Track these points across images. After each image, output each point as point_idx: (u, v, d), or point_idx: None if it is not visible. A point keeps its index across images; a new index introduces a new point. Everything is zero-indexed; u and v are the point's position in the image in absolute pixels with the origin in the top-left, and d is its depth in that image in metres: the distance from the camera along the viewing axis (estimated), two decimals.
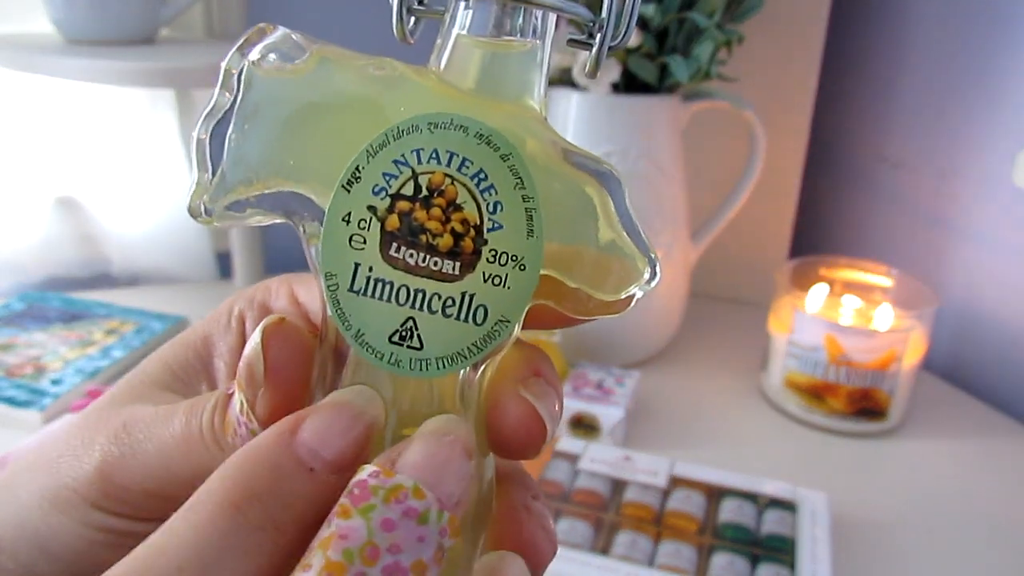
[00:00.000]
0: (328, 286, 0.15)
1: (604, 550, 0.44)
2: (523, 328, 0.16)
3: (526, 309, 0.15)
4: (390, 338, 0.15)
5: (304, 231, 0.15)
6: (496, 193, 0.15)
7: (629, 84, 0.62)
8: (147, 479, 0.18)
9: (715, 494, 0.49)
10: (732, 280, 0.82)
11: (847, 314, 0.63)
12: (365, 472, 0.14)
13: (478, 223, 0.15)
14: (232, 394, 0.17)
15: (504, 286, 0.15)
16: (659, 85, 0.62)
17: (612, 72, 0.60)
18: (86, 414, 0.20)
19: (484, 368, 0.16)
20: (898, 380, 0.59)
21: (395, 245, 0.15)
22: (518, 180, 0.15)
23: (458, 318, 0.15)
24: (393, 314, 0.15)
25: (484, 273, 0.15)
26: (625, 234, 0.15)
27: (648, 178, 0.63)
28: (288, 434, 0.15)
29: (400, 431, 0.16)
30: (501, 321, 0.15)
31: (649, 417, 0.62)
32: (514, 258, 0.15)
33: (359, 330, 0.15)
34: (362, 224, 0.15)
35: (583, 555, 0.43)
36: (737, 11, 0.60)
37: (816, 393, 0.61)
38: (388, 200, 0.15)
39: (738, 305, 0.82)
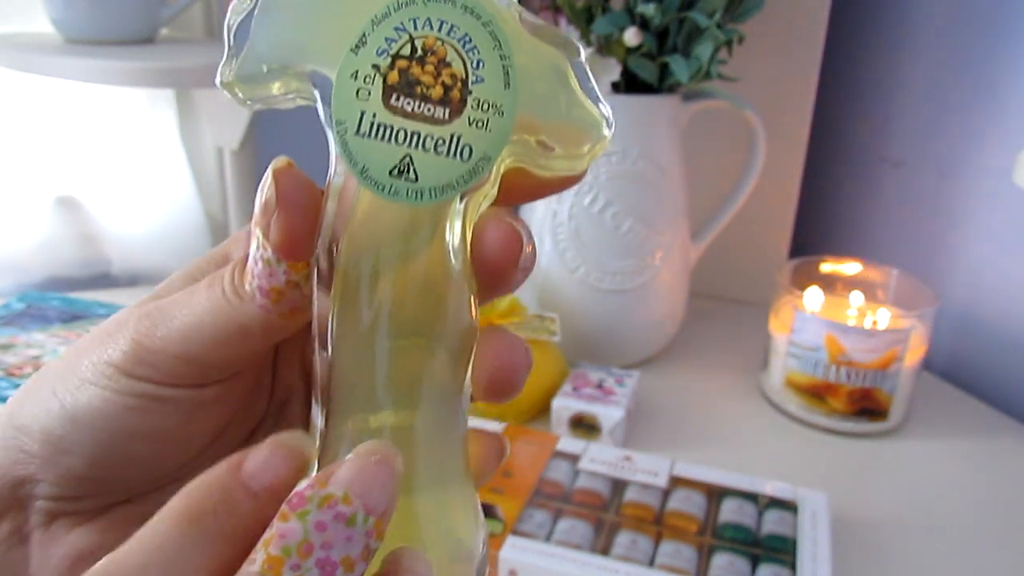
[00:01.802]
0: (338, 131, 0.18)
1: (604, 550, 0.44)
2: (499, 202, 0.19)
3: (504, 149, 0.18)
4: (390, 172, 0.18)
5: (318, 97, 0.18)
6: (479, 53, 0.18)
7: (629, 84, 0.62)
8: (177, 344, 0.20)
9: (715, 494, 0.49)
10: (732, 280, 0.82)
11: (847, 314, 0.63)
12: (303, 485, 0.17)
13: (464, 77, 0.18)
14: (247, 256, 0.20)
15: (486, 129, 0.18)
16: (659, 85, 0.62)
17: (612, 72, 0.60)
18: (114, 316, 0.21)
19: (467, 203, 0.18)
20: (898, 380, 0.59)
21: (395, 95, 0.18)
22: (496, 42, 0.18)
23: (448, 155, 0.18)
24: (393, 152, 0.18)
25: (469, 118, 0.18)
26: (582, 92, 0.19)
27: (648, 178, 0.63)
28: (236, 465, 0.18)
29: (401, 267, 0.18)
30: (483, 158, 0.18)
31: (649, 417, 0.62)
32: (494, 105, 0.18)
33: (364, 166, 0.18)
34: (367, 79, 0.18)
35: (583, 555, 0.43)
36: (737, 11, 0.60)
37: (816, 393, 0.61)
38: (389, 59, 0.18)
39: (738, 305, 0.82)
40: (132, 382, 0.20)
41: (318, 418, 0.19)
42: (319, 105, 0.18)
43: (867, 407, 0.60)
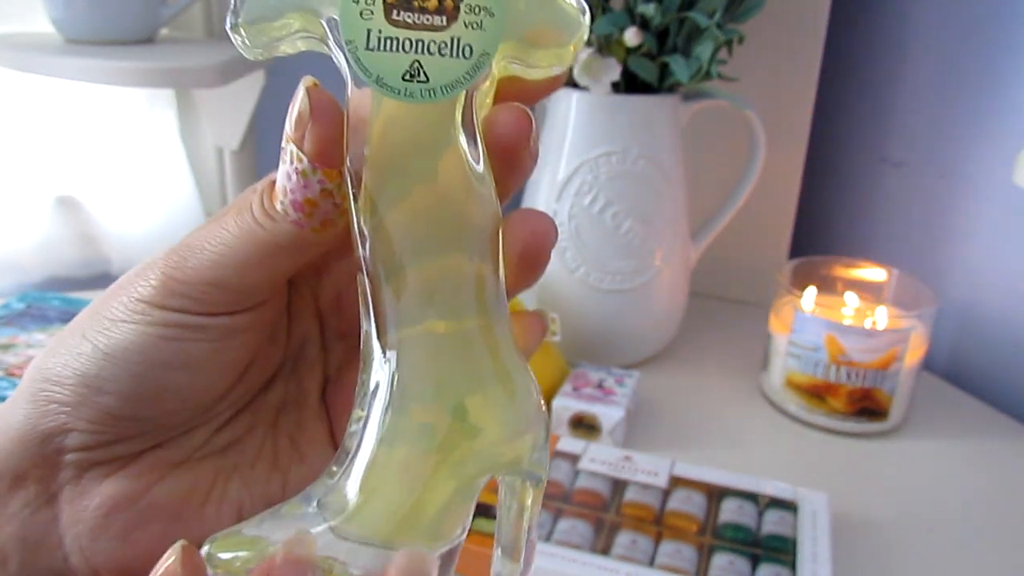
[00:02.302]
0: (350, 51, 0.19)
1: (604, 550, 0.44)
2: (497, 100, 0.21)
3: (499, 44, 0.20)
4: (403, 77, 0.19)
5: (326, 27, 0.20)
6: None
7: (629, 84, 0.62)
8: (209, 271, 0.21)
9: (715, 494, 0.49)
10: (732, 280, 0.82)
11: (847, 314, 0.63)
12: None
13: None
14: (273, 180, 0.21)
15: (481, 28, 0.19)
16: (659, 85, 0.62)
17: (612, 72, 0.60)
18: (139, 265, 0.22)
19: (474, 96, 0.20)
20: (898, 380, 0.59)
21: (395, 11, 0.19)
22: None
23: (452, 56, 0.19)
24: (402, 60, 0.19)
25: (465, 22, 0.19)
26: None
27: (648, 178, 0.63)
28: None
29: (427, 169, 0.20)
30: (483, 54, 0.19)
31: (649, 417, 0.62)
32: (485, 8, 0.19)
33: (378, 76, 0.19)
34: (368, 2, 0.19)
35: (583, 555, 0.43)
36: (737, 11, 0.60)
37: (816, 393, 0.61)
38: None
39: (738, 305, 0.82)
40: (166, 314, 0.21)
41: (370, 328, 0.20)
42: (328, 34, 0.20)
43: (867, 407, 0.60)
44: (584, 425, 0.57)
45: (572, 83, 0.62)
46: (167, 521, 0.22)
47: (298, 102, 0.20)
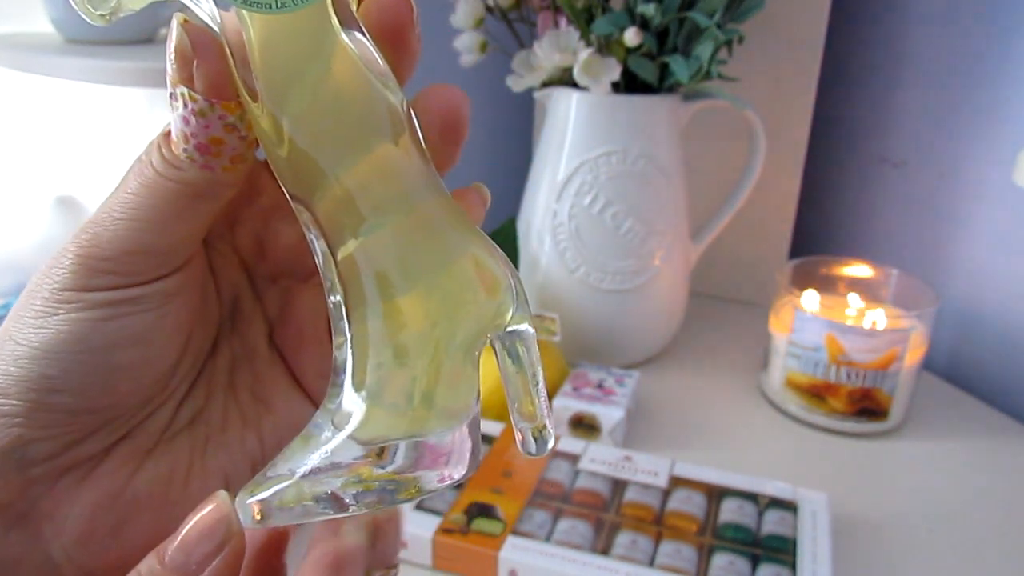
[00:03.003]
0: None
1: (604, 550, 0.44)
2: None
3: None
4: None
5: None
6: None
7: (629, 84, 0.62)
8: (126, 239, 0.20)
9: (715, 494, 0.49)
10: (732, 280, 0.82)
11: (847, 314, 0.63)
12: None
13: None
14: (167, 132, 0.20)
15: None
16: (659, 85, 0.62)
17: (612, 72, 0.60)
18: (47, 261, 0.21)
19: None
20: (898, 380, 0.59)
21: None
22: None
23: None
24: None
25: None
26: None
27: (648, 178, 0.63)
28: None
29: (319, 75, 0.19)
30: None
31: (649, 417, 0.62)
32: None
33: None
34: None
35: (583, 555, 0.43)
36: (737, 11, 0.60)
37: (816, 393, 0.61)
38: None
39: (738, 305, 0.82)
40: (93, 295, 0.20)
41: (324, 248, 0.20)
42: None
43: (867, 407, 0.60)
44: (584, 425, 0.57)
45: (572, 83, 0.62)
46: (155, 508, 0.22)
47: (174, 40, 0.19)
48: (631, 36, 0.58)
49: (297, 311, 0.24)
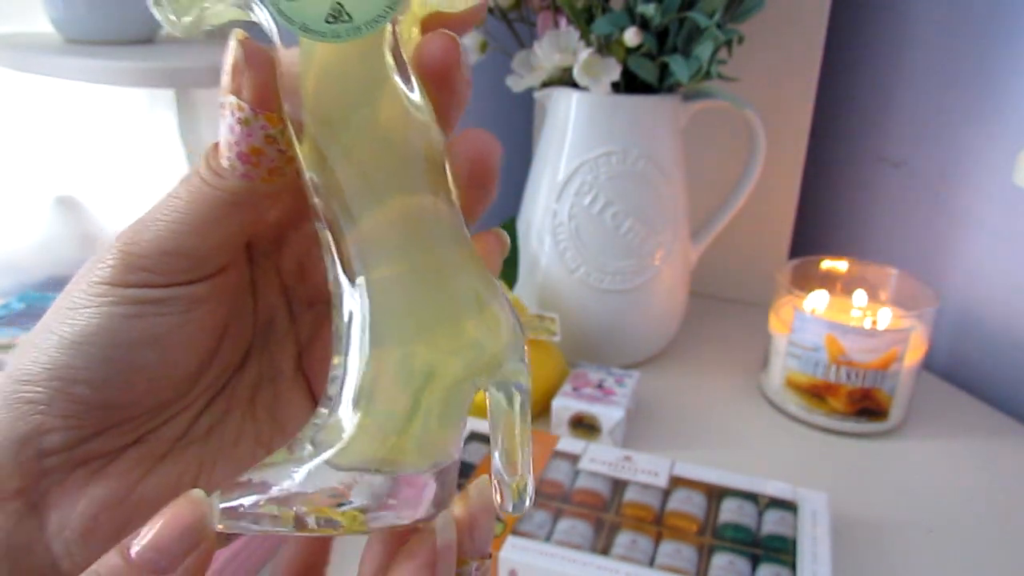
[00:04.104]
0: (272, 4, 0.19)
1: (604, 550, 0.44)
2: (423, 29, 0.21)
3: None
4: (326, 20, 0.19)
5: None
6: None
7: (629, 84, 0.62)
8: (164, 239, 0.21)
9: (715, 494, 0.49)
10: (732, 280, 0.82)
11: (848, 314, 0.63)
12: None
13: None
14: (216, 143, 0.21)
15: None
16: (659, 85, 0.62)
17: (612, 72, 0.60)
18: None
19: (397, 30, 0.20)
20: (899, 380, 0.59)
21: None
22: None
23: None
24: (323, 4, 0.19)
25: None
26: None
27: (648, 178, 0.63)
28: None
29: (364, 107, 0.20)
30: None
31: (649, 417, 0.62)
32: None
33: (303, 24, 0.19)
34: None
35: (583, 555, 0.43)
36: (737, 11, 0.60)
37: (816, 393, 0.61)
38: None
39: (738, 305, 0.82)
40: (127, 291, 0.21)
41: (337, 274, 0.20)
42: (258, 8, 0.20)
43: (867, 407, 0.60)
44: (584, 425, 0.57)
45: (572, 83, 0.62)
46: None
47: (231, 54, 0.20)
48: (631, 36, 0.58)
49: (327, 338, 0.24)
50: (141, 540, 0.19)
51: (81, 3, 0.65)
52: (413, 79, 0.20)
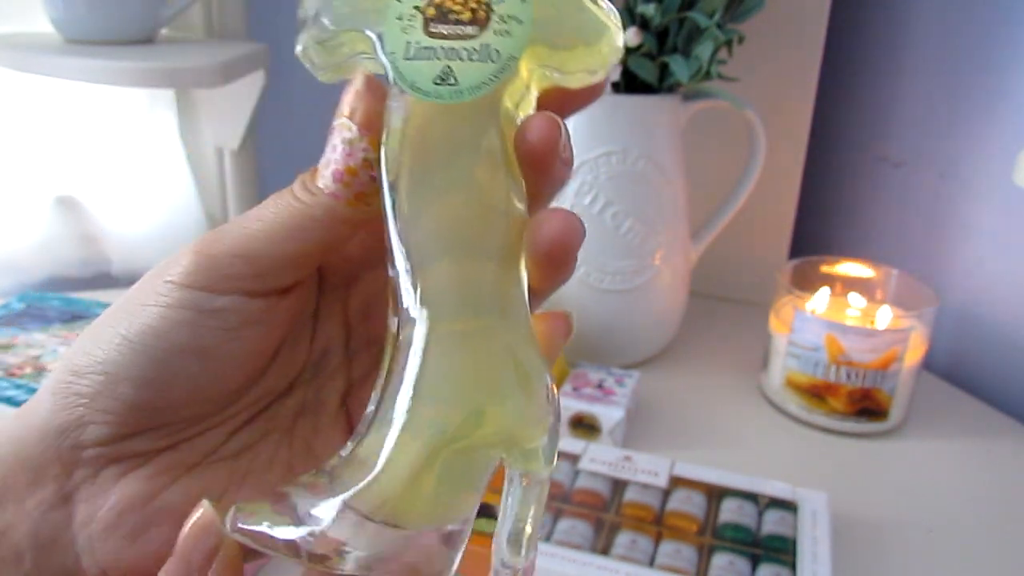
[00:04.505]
0: (391, 60, 0.21)
1: (604, 550, 0.44)
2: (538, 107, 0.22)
3: (525, 48, 0.21)
4: (435, 82, 0.21)
5: (376, 42, 0.22)
6: None
7: (629, 84, 0.62)
8: (239, 243, 0.21)
9: (715, 494, 0.49)
10: (732, 280, 0.82)
11: (848, 314, 0.63)
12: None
13: (488, 1, 0.21)
14: (316, 168, 0.22)
15: (509, 36, 0.21)
16: (659, 85, 0.62)
17: (612, 72, 0.60)
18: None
19: (503, 102, 0.21)
20: (899, 380, 0.59)
21: (433, 24, 0.21)
22: None
23: (480, 60, 0.21)
24: (435, 66, 0.21)
25: (494, 30, 0.21)
26: (590, 1, 0.21)
27: (648, 178, 0.63)
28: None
29: (452, 158, 0.21)
30: (510, 58, 0.21)
31: (649, 417, 0.62)
32: (514, 17, 0.21)
33: (413, 81, 0.21)
34: (410, 18, 0.21)
35: (583, 555, 0.43)
36: (737, 11, 0.60)
37: (816, 393, 0.61)
38: (426, 1, 0.21)
39: (738, 305, 0.82)
40: (186, 292, 0.21)
41: (394, 317, 0.21)
42: (375, 47, 0.21)
43: (867, 407, 0.60)
44: (584, 425, 0.57)
45: None
46: (176, 524, 0.22)
47: (355, 85, 0.21)
48: (631, 36, 0.58)
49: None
50: (170, 560, 0.20)
51: (81, 3, 0.65)
52: (509, 148, 0.21)
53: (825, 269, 0.68)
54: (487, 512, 0.48)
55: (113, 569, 0.22)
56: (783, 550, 0.44)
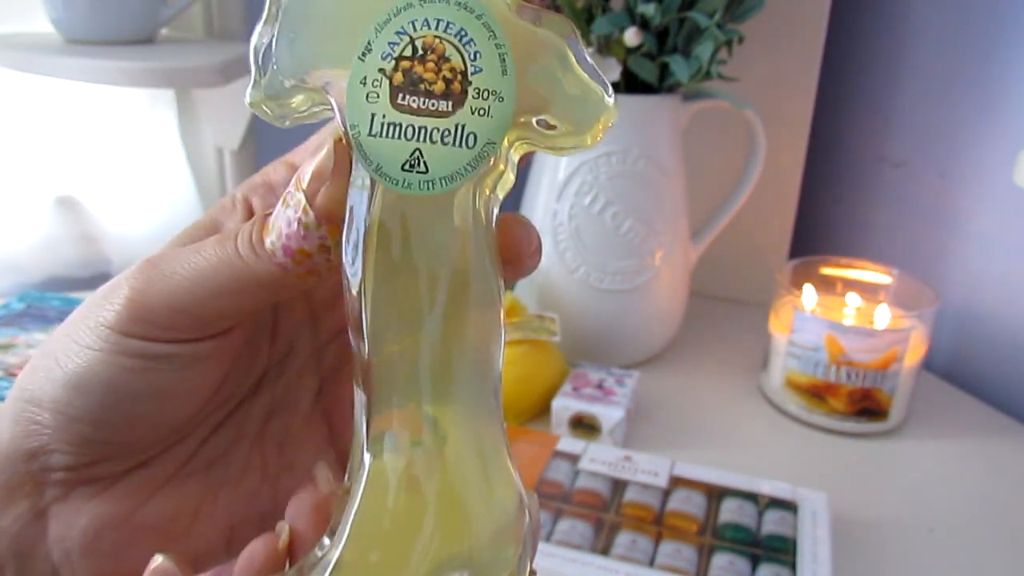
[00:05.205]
0: (353, 135, 0.19)
1: (604, 550, 0.44)
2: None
3: (507, 133, 0.19)
4: (402, 167, 0.18)
5: (335, 106, 0.19)
6: (475, 45, 0.19)
7: (629, 84, 0.62)
8: (175, 297, 0.20)
9: (715, 494, 0.49)
10: (732, 280, 0.82)
11: (848, 314, 0.63)
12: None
13: (463, 69, 0.19)
14: (268, 214, 0.20)
15: (488, 115, 0.18)
16: (659, 85, 0.62)
17: (612, 72, 0.60)
18: (110, 281, 0.21)
19: (483, 189, 0.19)
20: (899, 380, 0.59)
21: (401, 95, 0.19)
22: (491, 32, 0.19)
23: (454, 144, 0.18)
24: (403, 148, 0.18)
25: (471, 107, 0.18)
26: (580, 70, 0.19)
27: (648, 178, 0.63)
28: None
29: (427, 259, 0.19)
30: (488, 143, 0.18)
31: (649, 417, 0.62)
32: (494, 92, 0.18)
33: (378, 164, 0.18)
34: (375, 83, 0.19)
35: (583, 555, 0.43)
36: (737, 11, 0.60)
37: (816, 393, 0.61)
38: (393, 62, 0.19)
39: (738, 305, 0.82)
40: (128, 341, 0.20)
41: (361, 399, 0.20)
42: (336, 113, 0.19)
43: (867, 407, 0.60)
44: (584, 425, 0.57)
45: None
46: (157, 540, 0.22)
47: (321, 156, 0.19)
48: (631, 36, 0.58)
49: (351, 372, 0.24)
50: None
51: (81, 3, 0.65)
52: (487, 235, 0.19)
53: (825, 269, 0.68)
54: None
55: None
56: (783, 550, 0.44)
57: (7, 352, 0.60)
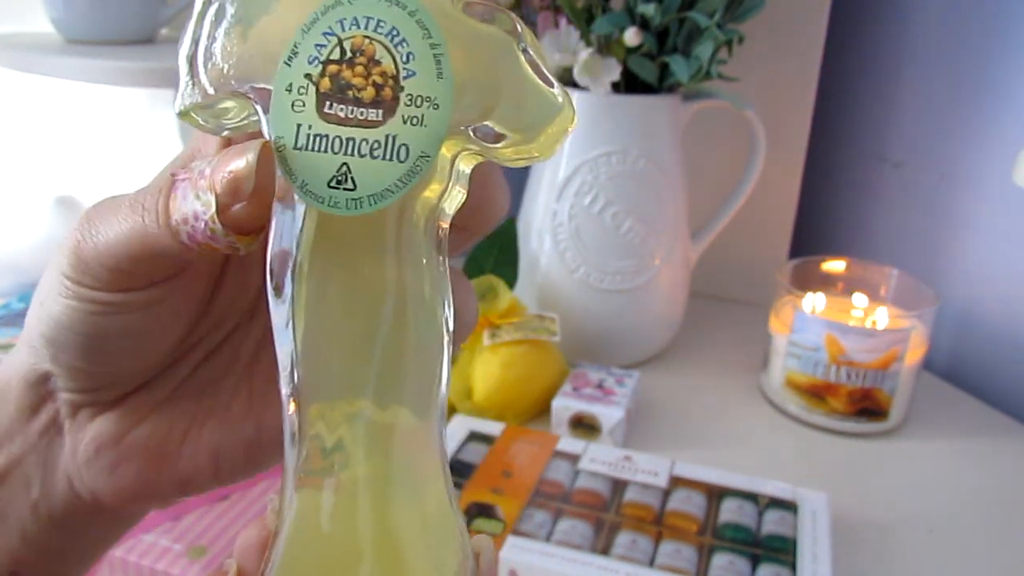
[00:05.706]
0: (277, 148, 0.17)
1: (604, 550, 0.44)
2: (468, 190, 0.18)
3: (442, 144, 0.17)
4: (328, 184, 0.17)
5: (261, 115, 0.18)
6: (408, 45, 0.17)
7: (629, 84, 0.62)
8: (102, 256, 0.20)
9: (715, 494, 0.49)
10: (732, 280, 0.82)
11: (847, 314, 0.63)
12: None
13: (395, 73, 0.17)
14: (178, 179, 0.19)
15: (422, 125, 0.17)
16: (659, 85, 0.62)
17: (612, 72, 0.60)
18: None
19: (423, 207, 0.17)
20: (899, 380, 0.59)
21: (328, 103, 0.17)
22: (425, 31, 0.17)
23: (384, 158, 0.17)
24: (330, 163, 0.17)
25: (404, 116, 0.17)
26: (531, 73, 0.17)
27: (648, 178, 0.63)
28: None
29: (358, 281, 0.17)
30: (422, 156, 0.17)
31: (649, 417, 0.62)
32: (428, 99, 0.17)
33: (303, 181, 0.17)
34: (301, 90, 0.17)
35: (583, 555, 0.43)
36: (738, 11, 0.60)
37: (816, 393, 0.61)
38: (320, 67, 0.17)
39: (738, 305, 0.82)
40: (82, 290, 0.20)
41: (288, 407, 0.18)
42: (263, 124, 0.18)
43: (867, 407, 0.60)
44: (584, 425, 0.57)
45: (572, 83, 0.62)
46: (147, 460, 0.23)
47: (241, 167, 0.17)
48: (631, 36, 0.58)
49: None
50: None
51: (81, 3, 0.65)
52: (433, 251, 0.18)
53: (825, 269, 0.68)
54: (486, 513, 0.48)
55: (102, 495, 0.23)
56: (783, 550, 0.44)
57: (7, 352, 0.60)
